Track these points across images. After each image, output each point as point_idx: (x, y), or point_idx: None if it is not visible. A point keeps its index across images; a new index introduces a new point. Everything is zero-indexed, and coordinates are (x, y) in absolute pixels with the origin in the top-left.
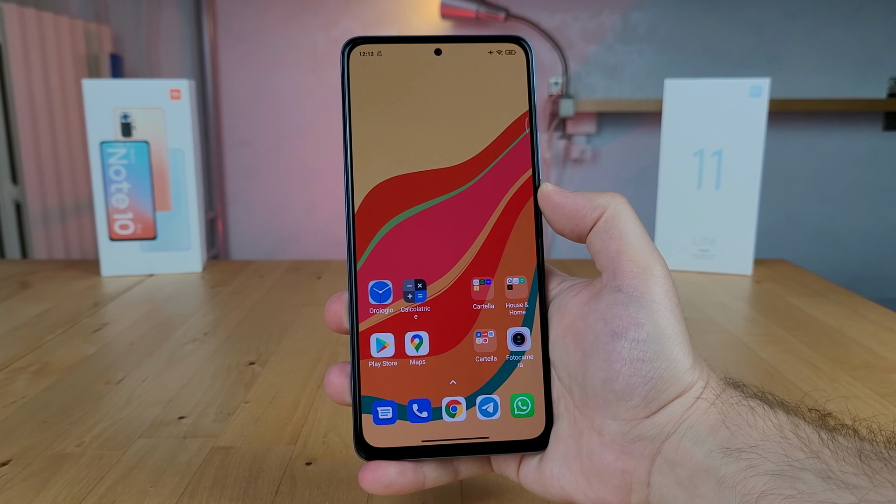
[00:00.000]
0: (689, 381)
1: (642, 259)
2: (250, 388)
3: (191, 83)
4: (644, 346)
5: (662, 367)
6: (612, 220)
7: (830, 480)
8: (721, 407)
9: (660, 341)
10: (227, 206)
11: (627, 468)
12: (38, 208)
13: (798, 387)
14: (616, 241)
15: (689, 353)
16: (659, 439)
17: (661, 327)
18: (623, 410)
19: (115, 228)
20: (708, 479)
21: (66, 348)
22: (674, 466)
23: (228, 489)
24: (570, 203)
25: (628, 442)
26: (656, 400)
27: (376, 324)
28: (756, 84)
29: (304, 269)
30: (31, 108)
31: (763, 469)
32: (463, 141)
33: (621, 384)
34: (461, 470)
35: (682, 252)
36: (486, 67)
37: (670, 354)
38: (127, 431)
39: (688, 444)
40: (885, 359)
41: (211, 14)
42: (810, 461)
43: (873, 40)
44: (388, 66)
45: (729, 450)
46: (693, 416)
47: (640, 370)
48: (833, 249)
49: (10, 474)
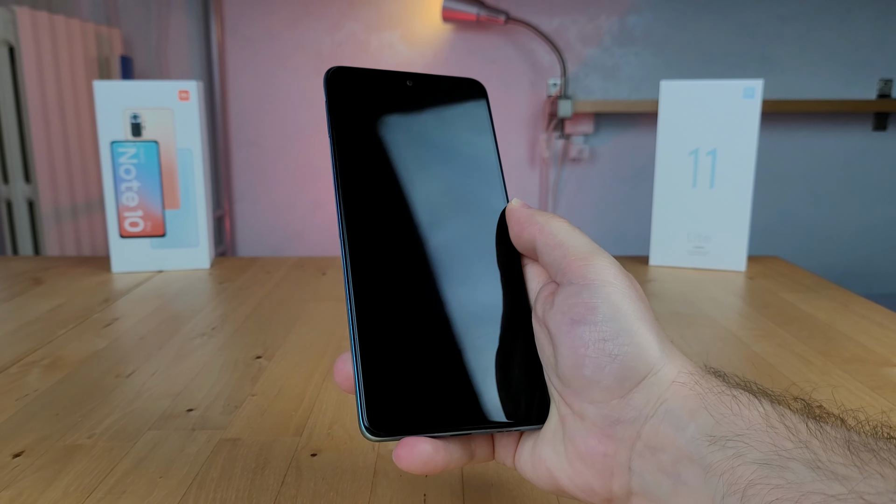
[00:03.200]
0: (657, 358)
1: (583, 252)
2: (257, 382)
3: (199, 84)
4: (603, 327)
5: (626, 342)
6: (549, 234)
7: (819, 470)
8: (701, 392)
9: (617, 319)
10: (234, 204)
11: (608, 451)
12: (50, 206)
13: (790, 380)
14: (558, 249)
15: (653, 331)
16: (638, 422)
17: (616, 306)
18: (597, 393)
19: (126, 226)
20: (692, 467)
21: (77, 343)
22: (655, 452)
23: (236, 480)
24: (514, 219)
25: (608, 425)
26: (628, 378)
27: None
28: (749, 85)
29: (309, 266)
30: (43, 108)
31: (750, 458)
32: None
33: (589, 367)
34: (476, 452)
35: (678, 249)
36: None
37: (631, 330)
38: (137, 423)
39: (668, 428)
40: (874, 352)
41: (219, 17)
42: (798, 451)
43: (863, 42)
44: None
45: (714, 438)
46: (671, 400)
47: (604, 349)
48: (824, 246)
49: (23, 465)
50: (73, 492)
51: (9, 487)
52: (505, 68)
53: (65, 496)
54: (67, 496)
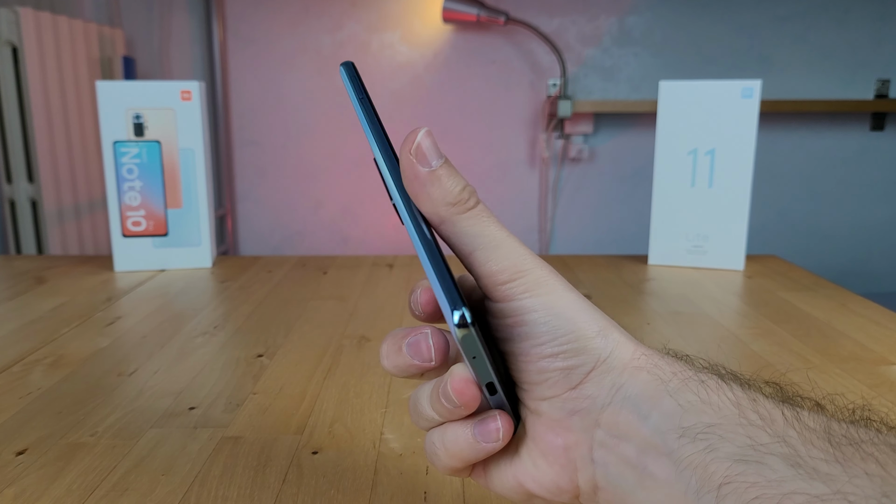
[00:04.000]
0: (600, 345)
1: (500, 266)
2: (258, 380)
3: (201, 85)
4: (537, 333)
5: (562, 341)
6: (454, 236)
7: (800, 467)
8: (662, 377)
9: (547, 322)
10: (236, 204)
11: (568, 444)
12: (53, 206)
13: (788, 378)
14: (469, 258)
15: (591, 322)
16: (594, 410)
17: (546, 309)
18: (547, 390)
19: (128, 225)
20: (660, 459)
21: (80, 341)
22: (618, 441)
23: (237, 477)
24: (413, 190)
25: (565, 417)
26: (574, 370)
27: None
28: (748, 86)
29: (310, 265)
30: (46, 108)
31: (724, 452)
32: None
33: (533, 370)
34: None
35: (676, 248)
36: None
37: (566, 329)
38: (139, 422)
39: (629, 416)
40: (872, 351)
41: (220, 18)
42: (776, 444)
43: (861, 43)
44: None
45: (685, 429)
46: (629, 386)
47: (542, 352)
48: (822, 245)
49: (26, 462)
50: (76, 489)
51: (12, 485)
52: (505, 69)
53: (68, 493)
54: (70, 493)
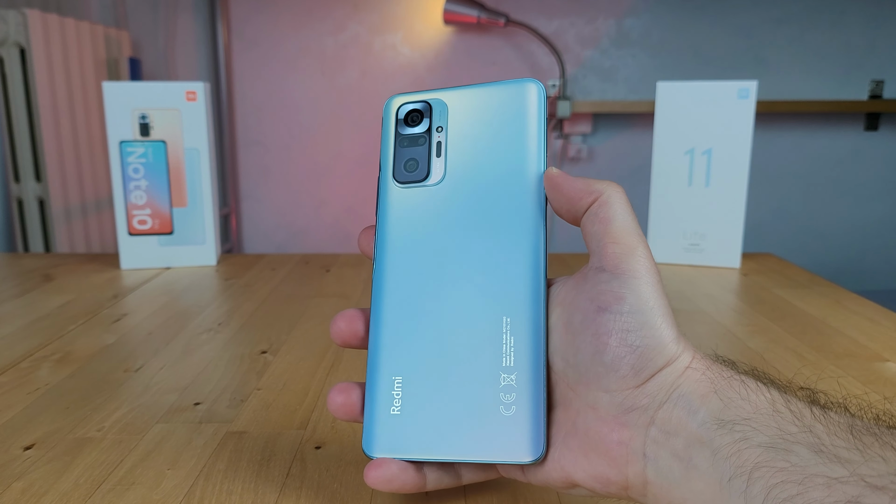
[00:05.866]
0: (674, 351)
1: (625, 240)
2: (262, 376)
3: (206, 85)
4: (628, 318)
5: (648, 335)
6: (602, 206)
7: (822, 454)
8: (712, 377)
9: (643, 312)
10: (240, 203)
11: (623, 439)
12: (60, 204)
13: (784, 375)
14: (602, 225)
15: (672, 326)
16: (652, 408)
17: (644, 299)
18: (614, 381)
19: (134, 224)
20: (703, 450)
21: (87, 338)
22: (668, 436)
23: (242, 471)
24: (569, 186)
25: (622, 413)
26: (645, 369)
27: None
28: (744, 86)
29: (313, 263)
30: (53, 108)
31: (756, 441)
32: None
33: (609, 355)
34: (464, 475)
35: (674, 246)
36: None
37: (654, 324)
38: (145, 417)
39: (681, 413)
40: (866, 348)
41: (225, 20)
42: (802, 435)
43: (855, 45)
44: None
45: (723, 421)
46: (684, 385)
47: (625, 340)
48: (817, 243)
49: (34, 457)
50: (84, 483)
51: (21, 479)
52: (505, 70)
53: (75, 487)
54: (78, 487)
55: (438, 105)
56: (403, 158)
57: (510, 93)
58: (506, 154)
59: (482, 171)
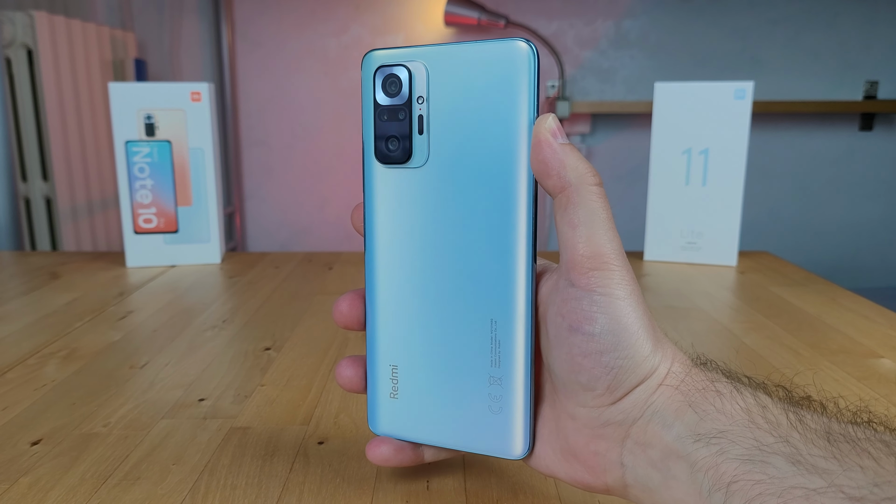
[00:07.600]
0: (649, 368)
1: (595, 249)
2: (266, 372)
3: (210, 86)
4: (600, 339)
5: (622, 356)
6: (571, 204)
7: (800, 464)
8: (686, 391)
9: (615, 332)
10: (244, 202)
11: (599, 450)
12: (66, 203)
13: (780, 371)
14: (571, 229)
15: (648, 337)
16: (626, 424)
17: (616, 318)
18: (589, 399)
19: (140, 222)
20: (680, 463)
21: (93, 335)
22: (645, 448)
23: (245, 466)
24: (545, 154)
25: (598, 426)
26: (619, 388)
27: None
28: (740, 87)
29: (316, 261)
30: (60, 109)
31: (733, 454)
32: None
33: (585, 376)
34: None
35: (671, 244)
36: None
37: (628, 343)
38: (150, 413)
39: (656, 427)
40: (861, 344)
41: (229, 21)
42: (779, 445)
43: (850, 46)
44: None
45: (699, 435)
46: (657, 402)
47: (600, 361)
48: (813, 242)
49: (41, 452)
50: (90, 478)
51: (28, 474)
52: None
53: (81, 482)
54: (84, 482)
55: (419, 71)
56: (384, 135)
57: (497, 55)
58: (493, 130)
59: (468, 152)
